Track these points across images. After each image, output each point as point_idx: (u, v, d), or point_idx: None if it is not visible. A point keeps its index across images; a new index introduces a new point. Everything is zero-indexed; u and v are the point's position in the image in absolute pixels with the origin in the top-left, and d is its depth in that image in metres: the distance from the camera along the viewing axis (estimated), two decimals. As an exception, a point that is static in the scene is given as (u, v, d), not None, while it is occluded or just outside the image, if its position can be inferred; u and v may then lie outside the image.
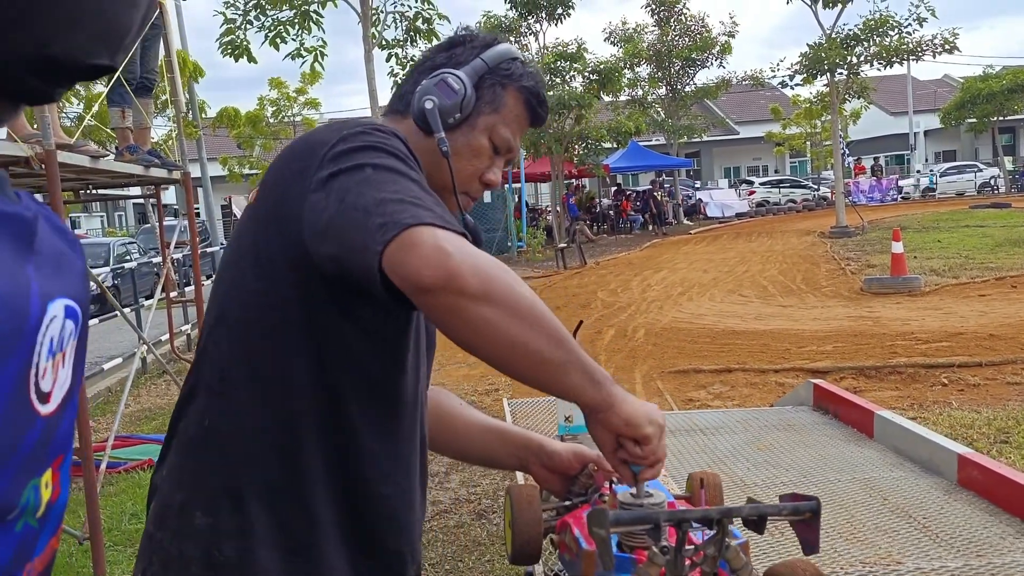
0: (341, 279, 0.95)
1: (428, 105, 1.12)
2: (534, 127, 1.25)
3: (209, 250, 13.23)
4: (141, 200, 18.63)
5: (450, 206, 1.15)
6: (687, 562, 1.03)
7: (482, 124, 1.17)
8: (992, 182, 32.68)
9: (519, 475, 2.43)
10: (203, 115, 19.08)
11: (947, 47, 17.79)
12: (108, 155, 4.31)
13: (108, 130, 5.70)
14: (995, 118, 31.48)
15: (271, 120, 25.90)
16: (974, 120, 32.03)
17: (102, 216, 41.19)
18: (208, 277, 12.24)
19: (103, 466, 4.06)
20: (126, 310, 8.60)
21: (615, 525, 0.98)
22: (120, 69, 4.49)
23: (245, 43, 11.02)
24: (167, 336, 7.42)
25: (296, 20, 10.67)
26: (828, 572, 1.75)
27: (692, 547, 1.04)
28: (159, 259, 14.40)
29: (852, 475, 2.24)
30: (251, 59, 11.12)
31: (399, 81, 1.27)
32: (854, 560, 1.73)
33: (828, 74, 18.52)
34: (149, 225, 19.20)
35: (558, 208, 22.42)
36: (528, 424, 3.00)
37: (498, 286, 0.90)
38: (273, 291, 1.01)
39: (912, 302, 9.08)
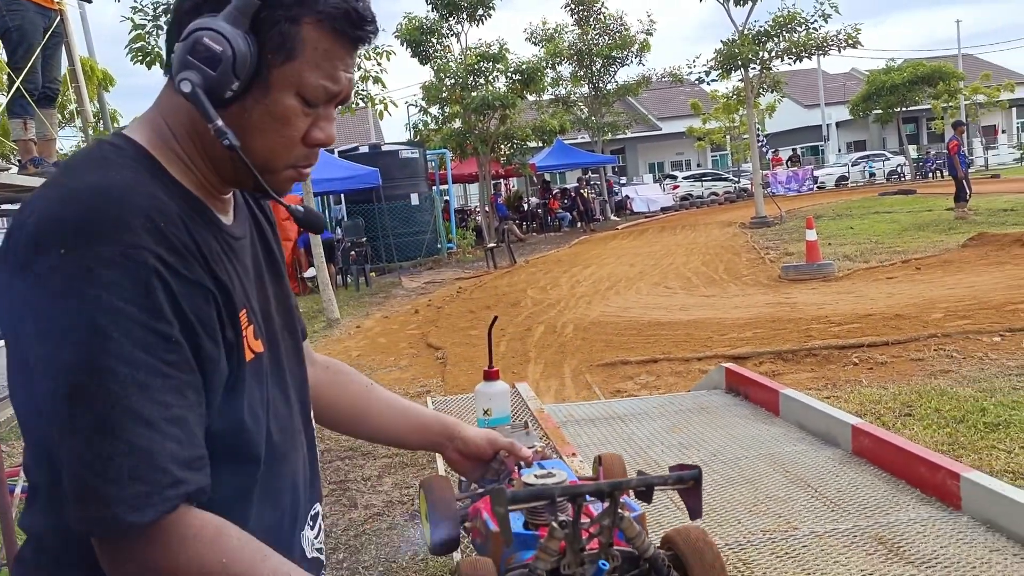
0: None
1: (186, 88, 0.84)
2: (359, 47, 0.93)
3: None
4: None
5: (274, 182, 0.93)
6: (584, 534, 1.10)
7: (278, 80, 0.87)
8: (899, 170, 34.22)
9: (439, 463, 2.47)
10: (115, 124, 18.46)
11: (850, 42, 18.58)
12: (11, 168, 4.17)
13: (10, 143, 5.49)
14: (899, 109, 32.97)
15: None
16: (880, 111, 33.49)
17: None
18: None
19: (17, 490, 3.92)
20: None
21: (513, 503, 1.04)
22: (20, 79, 4.36)
23: (156, 49, 10.72)
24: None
25: (209, 25, 10.44)
26: (732, 541, 1.85)
27: (588, 520, 1.11)
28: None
29: (758, 451, 2.36)
30: (164, 66, 10.82)
31: None
32: (755, 529, 1.83)
33: (742, 69, 19.09)
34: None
35: (487, 208, 22.50)
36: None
37: None
38: None
39: (826, 287, 9.46)
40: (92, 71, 10.14)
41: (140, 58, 10.69)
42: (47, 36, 4.58)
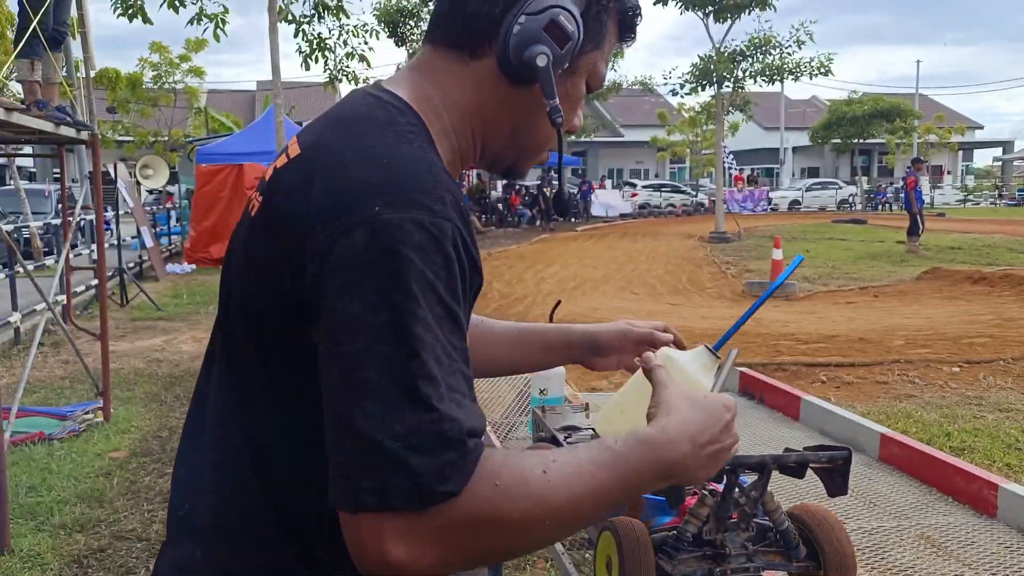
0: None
1: (542, 62, 0.83)
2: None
3: (88, 218, 12.43)
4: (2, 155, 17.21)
5: (526, 165, 0.97)
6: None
7: (583, 66, 0.91)
8: (850, 199, 35.32)
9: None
10: (76, 72, 17.89)
11: (823, 70, 19.10)
12: (21, 108, 4.06)
13: (6, 81, 5.33)
14: (856, 140, 34.03)
15: (149, 85, 24.53)
16: (838, 140, 34.50)
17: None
18: (74, 247, 11.55)
19: (7, 436, 3.83)
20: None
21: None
22: (37, 18, 4.24)
23: (140, 2, 10.45)
24: (41, 305, 6.99)
25: (197, -17, 10.22)
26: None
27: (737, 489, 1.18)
28: (11, 227, 13.44)
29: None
30: (146, 19, 10.55)
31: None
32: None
33: (716, 86, 19.46)
34: (9, 187, 17.79)
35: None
36: (492, 397, 3.10)
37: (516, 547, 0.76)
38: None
39: (789, 306, 9.76)
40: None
41: (123, 9, 10.41)
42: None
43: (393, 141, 0.79)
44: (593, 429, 1.51)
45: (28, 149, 7.49)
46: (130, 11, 10.39)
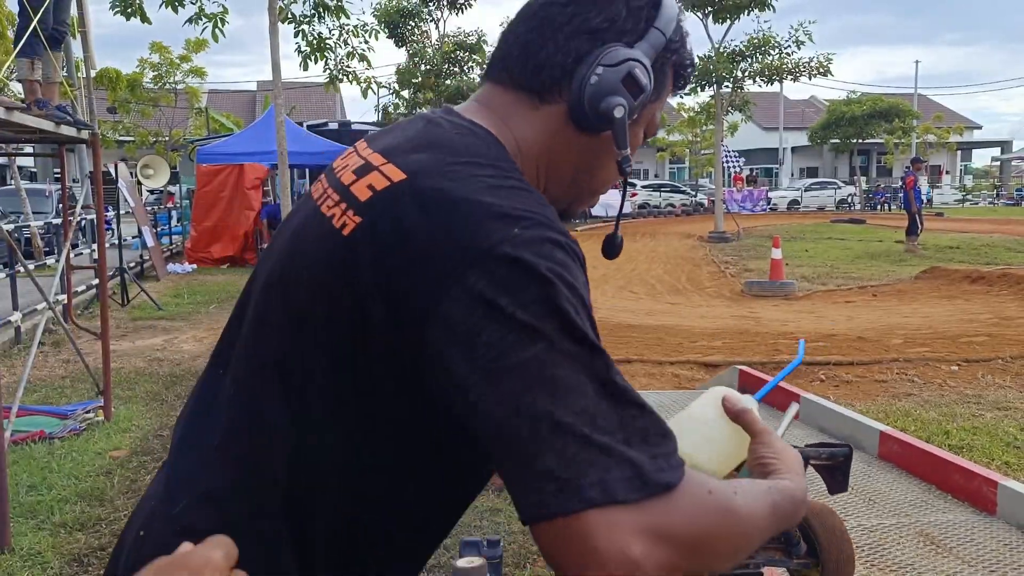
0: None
1: (619, 114, 0.85)
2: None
3: (89, 217, 12.44)
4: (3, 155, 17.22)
5: (581, 207, 1.00)
6: None
7: (644, 115, 0.93)
8: (849, 199, 35.34)
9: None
10: (79, 74, 17.89)
11: (822, 70, 19.12)
12: (22, 107, 4.07)
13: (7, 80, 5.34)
14: (855, 140, 34.05)
15: (150, 85, 24.55)
16: (837, 141, 34.53)
17: (-53, 175, 37.72)
18: (75, 247, 11.55)
19: (7, 435, 3.84)
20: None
21: None
22: (37, 18, 4.25)
23: (139, 2, 10.45)
24: (42, 304, 7.00)
25: (197, -18, 10.21)
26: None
27: None
28: (12, 226, 13.45)
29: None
30: (144, 19, 10.55)
31: (506, 37, 0.93)
32: (805, 519, 1.96)
33: (715, 86, 19.47)
34: (9, 187, 17.80)
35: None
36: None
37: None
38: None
39: (788, 305, 9.78)
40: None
41: (121, 8, 10.41)
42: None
43: (507, 175, 0.80)
44: None
45: (29, 149, 7.48)
46: (128, 10, 10.39)
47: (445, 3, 21.52)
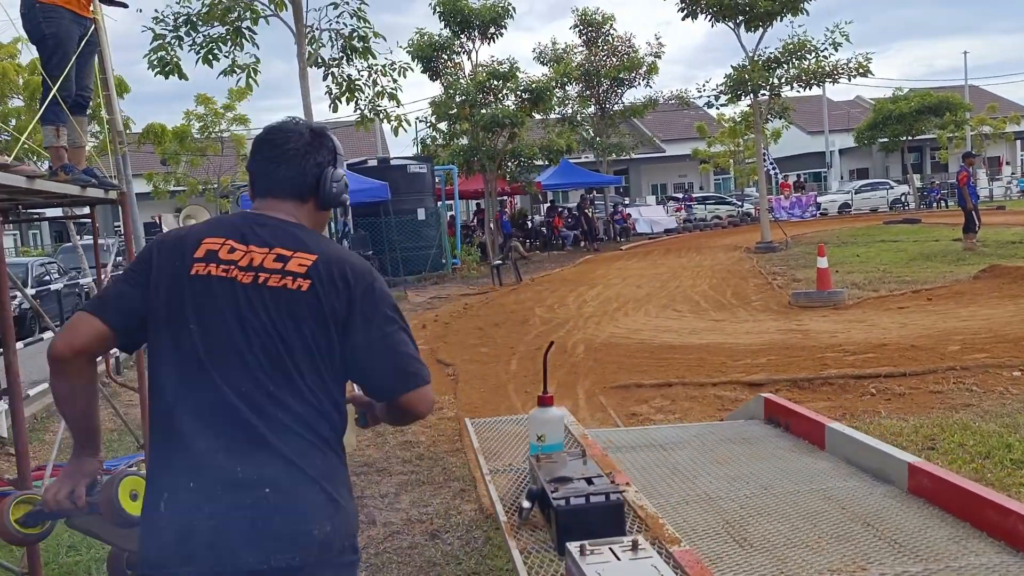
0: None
1: (345, 198, 1.88)
2: None
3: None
4: (61, 219, 17.82)
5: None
6: None
7: None
8: (903, 199, 34.34)
9: (490, 489, 2.44)
10: (127, 131, 18.50)
11: (861, 71, 18.68)
12: (45, 175, 4.16)
13: (39, 148, 5.51)
14: (905, 138, 33.12)
15: (197, 136, 25.32)
16: (886, 140, 33.63)
17: (15, 235, 39.36)
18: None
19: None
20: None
21: None
22: (56, 87, 4.36)
23: (175, 59, 10.78)
24: (96, 360, 7.15)
25: (228, 37, 10.51)
26: (799, 581, 1.83)
27: None
28: (84, 280, 13.87)
29: (810, 486, 2.33)
30: (182, 76, 10.88)
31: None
32: (823, 569, 1.81)
33: (752, 95, 19.18)
34: (70, 244, 18.44)
35: (491, 225, 22.51)
36: (494, 443, 3.02)
37: None
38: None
39: (837, 315, 9.46)
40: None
41: (159, 68, 10.75)
42: (82, 44, 4.59)
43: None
44: (587, 479, 1.44)
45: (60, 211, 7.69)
46: (166, 68, 10.72)
47: (477, 34, 21.73)
